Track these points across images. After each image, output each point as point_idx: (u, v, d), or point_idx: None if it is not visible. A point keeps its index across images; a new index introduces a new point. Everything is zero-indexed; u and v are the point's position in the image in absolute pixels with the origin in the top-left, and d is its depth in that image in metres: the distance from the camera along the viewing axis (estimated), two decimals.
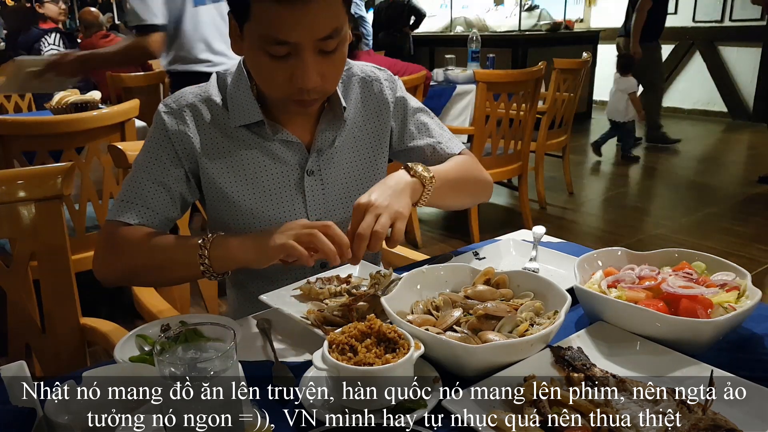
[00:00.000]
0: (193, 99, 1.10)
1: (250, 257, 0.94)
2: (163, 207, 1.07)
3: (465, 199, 1.28)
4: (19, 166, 1.92)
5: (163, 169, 1.07)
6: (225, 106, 1.10)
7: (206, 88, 1.12)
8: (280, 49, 0.94)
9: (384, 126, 1.21)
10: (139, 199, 1.05)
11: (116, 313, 2.80)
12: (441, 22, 8.96)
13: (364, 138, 1.19)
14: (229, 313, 1.29)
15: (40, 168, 1.23)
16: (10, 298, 1.22)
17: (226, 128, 1.10)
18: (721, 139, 6.57)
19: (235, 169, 1.10)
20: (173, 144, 1.07)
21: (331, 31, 0.94)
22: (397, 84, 1.24)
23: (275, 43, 0.93)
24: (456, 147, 1.26)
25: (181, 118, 1.08)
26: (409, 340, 0.76)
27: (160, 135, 1.08)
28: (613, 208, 4.27)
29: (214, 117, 1.10)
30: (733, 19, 7.16)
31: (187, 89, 1.12)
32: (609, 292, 0.92)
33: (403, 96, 1.24)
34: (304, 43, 0.93)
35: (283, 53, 0.94)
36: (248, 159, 1.10)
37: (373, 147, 1.20)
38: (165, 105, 1.10)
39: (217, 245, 0.95)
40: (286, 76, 0.97)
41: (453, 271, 1.00)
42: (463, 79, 3.89)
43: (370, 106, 1.20)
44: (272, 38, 0.92)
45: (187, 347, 0.66)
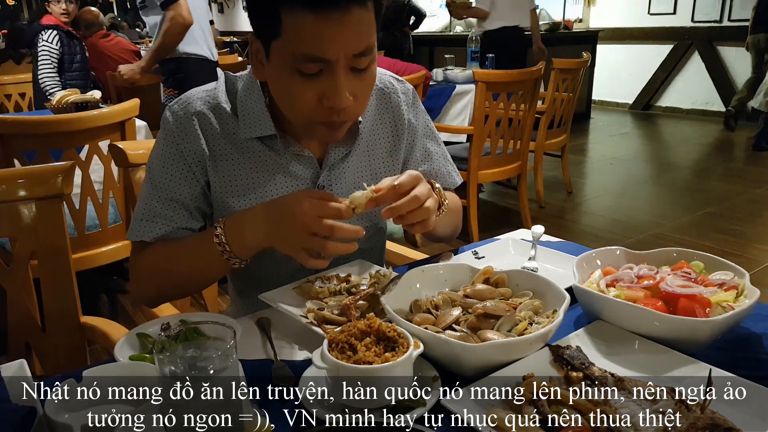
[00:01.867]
0: (201, 106, 1.05)
1: (265, 244, 0.94)
2: (183, 220, 1.05)
3: (447, 232, 1.24)
4: (19, 165, 1.93)
5: (178, 186, 1.04)
6: (234, 113, 1.05)
7: (214, 93, 1.07)
8: (313, 67, 0.89)
9: (399, 141, 1.18)
10: (157, 217, 1.04)
11: (116, 311, 2.80)
12: (441, 21, 8.95)
13: (378, 151, 1.16)
14: (228, 311, 1.29)
15: (40, 167, 1.23)
16: (10, 297, 1.22)
17: (236, 139, 1.05)
18: (719, 138, 6.58)
19: (244, 182, 1.06)
20: (185, 159, 1.04)
21: (364, 47, 0.90)
22: (411, 98, 1.20)
23: (308, 60, 0.88)
24: (452, 183, 1.26)
25: (191, 129, 1.03)
26: (409, 339, 0.76)
27: (171, 149, 1.04)
28: (612, 208, 4.27)
29: (223, 126, 1.05)
30: (731, 19, 7.16)
31: (194, 93, 1.07)
32: (608, 292, 0.92)
33: (416, 117, 1.20)
34: (338, 60, 0.88)
35: (314, 71, 0.89)
36: (258, 173, 1.06)
37: (386, 161, 1.17)
38: (173, 114, 1.05)
39: (232, 235, 0.94)
40: (315, 96, 0.91)
41: (452, 270, 1.00)
42: (463, 78, 3.89)
43: (386, 119, 1.17)
44: (305, 55, 0.88)
45: (187, 346, 0.66)
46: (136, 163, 1.34)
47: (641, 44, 8.04)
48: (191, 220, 1.06)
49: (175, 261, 1.03)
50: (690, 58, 7.67)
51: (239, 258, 0.96)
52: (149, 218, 1.04)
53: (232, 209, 1.06)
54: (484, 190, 4.54)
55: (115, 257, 2.23)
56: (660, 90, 8.06)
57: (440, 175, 1.24)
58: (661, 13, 7.77)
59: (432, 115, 3.78)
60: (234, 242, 0.95)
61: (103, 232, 2.15)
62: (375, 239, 1.23)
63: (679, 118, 7.68)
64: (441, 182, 1.21)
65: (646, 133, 7.21)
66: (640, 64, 8.10)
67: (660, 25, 7.79)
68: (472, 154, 3.24)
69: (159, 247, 1.04)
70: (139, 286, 1.08)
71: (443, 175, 1.25)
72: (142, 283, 1.08)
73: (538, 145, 3.89)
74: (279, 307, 0.97)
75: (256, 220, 0.93)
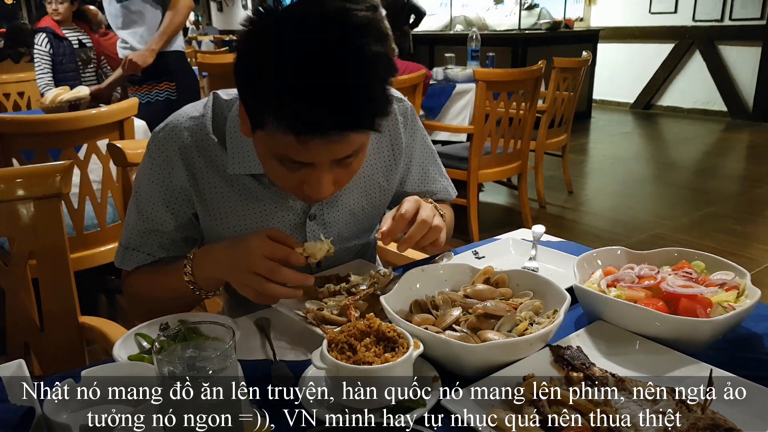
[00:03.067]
0: (187, 137, 1.01)
1: (220, 276, 0.95)
2: (164, 250, 1.07)
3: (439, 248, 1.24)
4: (18, 165, 1.92)
5: (163, 218, 1.04)
6: (222, 145, 1.02)
7: (201, 121, 1.02)
8: (294, 165, 0.86)
9: (396, 164, 1.16)
10: (141, 248, 1.06)
11: (115, 311, 2.80)
12: (441, 20, 8.95)
13: (375, 176, 1.14)
14: (227, 311, 1.29)
15: (38, 166, 1.23)
16: (8, 297, 1.22)
17: (224, 172, 1.02)
18: (720, 138, 6.57)
19: (235, 214, 1.05)
20: (172, 190, 1.02)
21: (351, 152, 0.87)
22: (410, 118, 1.17)
23: (290, 162, 0.86)
24: (447, 198, 1.27)
25: (176, 163, 1.01)
26: (409, 339, 0.76)
27: (156, 178, 1.02)
28: (612, 208, 4.27)
29: (210, 159, 1.02)
30: (733, 18, 7.15)
31: (180, 121, 1.02)
32: (608, 292, 0.92)
33: (413, 137, 1.19)
34: (322, 164, 0.86)
35: (296, 167, 0.87)
36: (249, 204, 1.05)
37: (382, 185, 1.16)
38: (158, 142, 1.02)
39: (197, 267, 0.96)
40: (297, 181, 0.89)
41: (452, 270, 0.99)
42: (463, 77, 3.88)
43: (385, 144, 1.14)
44: (288, 158, 0.85)
45: (185, 346, 0.66)
46: (134, 162, 1.34)
47: (642, 43, 8.04)
48: (175, 249, 1.08)
49: (155, 288, 1.05)
50: (691, 57, 7.66)
51: (204, 289, 0.97)
52: (133, 247, 1.07)
53: (219, 236, 1.06)
54: (485, 189, 4.54)
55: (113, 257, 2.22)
56: (661, 89, 8.05)
57: (437, 192, 1.25)
58: (662, 12, 7.77)
59: (432, 115, 3.80)
60: (198, 273, 0.96)
61: (102, 231, 2.14)
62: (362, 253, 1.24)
63: (680, 117, 7.68)
64: (444, 195, 1.23)
65: (647, 132, 7.21)
66: (641, 64, 8.10)
67: (661, 24, 7.78)
68: (473, 153, 3.24)
69: (140, 274, 1.07)
70: (131, 306, 1.14)
71: (439, 191, 1.26)
72: (133, 304, 1.13)
73: (538, 144, 3.89)
74: (278, 307, 0.97)
75: (218, 254, 0.94)
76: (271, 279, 0.86)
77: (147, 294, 1.07)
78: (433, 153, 1.25)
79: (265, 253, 0.86)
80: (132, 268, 1.07)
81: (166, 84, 3.04)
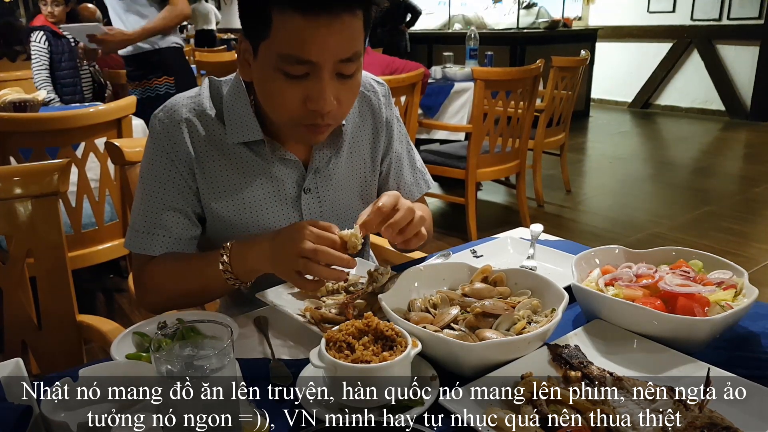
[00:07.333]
0: (186, 113, 1.04)
1: (265, 268, 0.95)
2: (184, 229, 1.06)
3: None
4: (15, 163, 1.92)
5: (174, 194, 1.04)
6: (220, 120, 1.05)
7: (198, 99, 1.07)
8: (299, 69, 0.90)
9: (379, 143, 1.20)
10: (158, 228, 1.04)
11: (113, 310, 2.80)
12: (439, 19, 8.95)
13: (361, 154, 1.18)
14: (225, 310, 1.29)
15: (36, 165, 1.22)
16: (6, 295, 1.21)
17: (223, 145, 1.05)
18: (718, 137, 6.58)
19: (228, 186, 1.06)
20: (176, 165, 1.03)
21: (351, 53, 0.91)
22: (391, 102, 1.23)
23: (295, 62, 0.89)
24: (417, 192, 1.27)
25: (178, 135, 1.03)
26: (407, 338, 0.76)
27: (161, 157, 1.04)
28: (610, 207, 4.27)
29: (209, 132, 1.05)
30: (731, 17, 7.17)
31: (179, 101, 1.06)
32: (606, 290, 0.92)
33: (392, 120, 1.22)
34: (325, 64, 0.90)
35: (300, 73, 0.91)
36: (242, 176, 1.06)
37: (369, 164, 1.19)
38: (159, 122, 1.04)
39: (237, 259, 0.96)
40: (300, 98, 0.93)
41: (450, 268, 1.00)
42: (461, 76, 3.88)
43: (368, 121, 1.18)
44: (292, 56, 0.89)
45: (183, 344, 0.66)
46: (132, 160, 1.34)
47: (640, 42, 8.05)
48: (191, 227, 1.07)
49: (183, 278, 1.04)
50: (689, 56, 7.67)
51: (240, 280, 0.97)
52: (148, 231, 1.04)
53: (216, 214, 1.07)
54: (483, 188, 4.54)
55: (111, 255, 2.22)
56: (659, 88, 8.07)
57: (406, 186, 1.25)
58: (661, 11, 7.78)
59: (430, 113, 3.80)
60: (237, 265, 0.96)
61: (100, 230, 2.14)
62: None
63: (678, 116, 7.69)
64: (414, 189, 1.25)
65: (645, 131, 7.22)
66: (639, 63, 8.11)
67: (659, 24, 7.80)
68: (471, 152, 3.24)
69: (166, 262, 1.05)
70: (145, 296, 1.08)
71: (408, 186, 1.25)
72: (150, 293, 1.08)
73: (536, 143, 3.89)
74: (276, 305, 0.97)
75: (263, 244, 0.95)
76: (317, 261, 0.88)
77: (173, 282, 1.05)
78: (408, 141, 1.28)
79: (311, 238, 0.89)
80: (156, 252, 1.04)
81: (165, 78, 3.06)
